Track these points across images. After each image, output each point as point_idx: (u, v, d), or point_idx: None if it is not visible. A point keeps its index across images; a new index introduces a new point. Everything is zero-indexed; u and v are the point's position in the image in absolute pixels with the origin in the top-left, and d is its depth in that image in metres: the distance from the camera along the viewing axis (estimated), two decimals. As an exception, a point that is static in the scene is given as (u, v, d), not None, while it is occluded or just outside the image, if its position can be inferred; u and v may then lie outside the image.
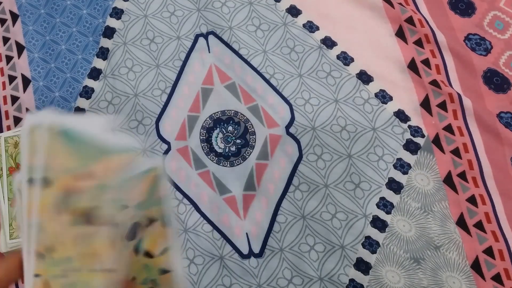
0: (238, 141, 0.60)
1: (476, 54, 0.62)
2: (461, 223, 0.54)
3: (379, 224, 0.54)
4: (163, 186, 0.23)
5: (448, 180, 0.56)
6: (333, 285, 0.52)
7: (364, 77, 0.61)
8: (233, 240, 0.55)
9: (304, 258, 0.54)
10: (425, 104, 0.60)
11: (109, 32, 0.67)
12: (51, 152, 0.20)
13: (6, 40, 0.69)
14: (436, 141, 0.58)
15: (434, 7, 0.65)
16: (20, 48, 0.68)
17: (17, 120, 0.64)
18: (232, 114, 0.61)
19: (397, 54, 0.62)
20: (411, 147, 0.58)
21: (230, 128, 0.60)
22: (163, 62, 0.64)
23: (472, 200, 0.55)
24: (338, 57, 0.63)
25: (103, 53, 0.66)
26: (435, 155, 0.57)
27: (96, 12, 0.69)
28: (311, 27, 0.65)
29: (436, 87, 0.59)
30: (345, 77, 0.62)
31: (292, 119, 0.60)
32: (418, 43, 0.62)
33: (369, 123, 0.59)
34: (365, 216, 0.55)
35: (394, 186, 0.56)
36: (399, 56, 0.62)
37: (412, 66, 0.62)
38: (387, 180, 0.56)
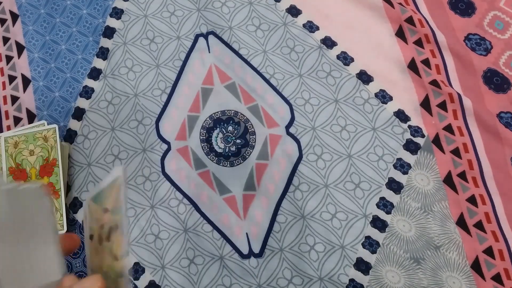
0: (238, 141, 0.60)
1: (476, 54, 0.62)
2: (461, 223, 0.54)
3: (379, 224, 0.54)
4: (122, 194, 0.26)
5: (448, 180, 0.56)
6: (333, 285, 0.52)
7: (364, 77, 0.61)
8: (233, 240, 0.55)
9: (304, 258, 0.53)
10: (425, 104, 0.60)
11: (109, 32, 0.67)
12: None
13: (6, 40, 0.69)
14: (436, 141, 0.58)
15: (434, 7, 0.65)
16: (20, 48, 0.68)
17: (17, 120, 0.64)
18: (232, 114, 0.61)
19: (397, 54, 0.62)
20: (411, 147, 0.58)
21: (230, 128, 0.60)
22: (163, 62, 0.64)
23: (472, 200, 0.55)
24: (338, 57, 0.63)
25: (103, 53, 0.66)
26: (435, 155, 0.57)
27: (96, 12, 0.69)
28: (311, 27, 0.65)
29: (436, 87, 0.59)
30: (345, 77, 0.62)
31: (292, 119, 0.60)
32: (418, 43, 0.62)
33: (369, 123, 0.59)
34: (365, 216, 0.55)
35: (394, 186, 0.56)
36: (399, 56, 0.62)
37: (412, 66, 0.62)
38: (387, 180, 0.56)
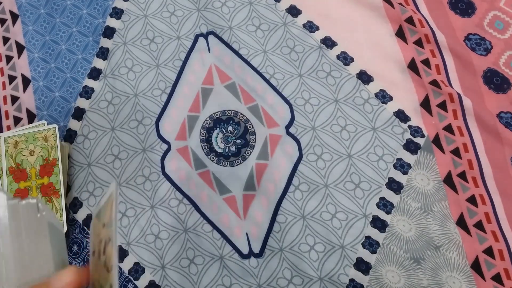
0: (238, 141, 0.60)
1: (476, 54, 0.62)
2: (461, 223, 0.54)
3: (379, 224, 0.54)
4: (114, 209, 0.28)
5: (448, 180, 0.56)
6: (333, 285, 0.52)
7: (364, 77, 0.61)
8: (233, 240, 0.55)
9: (304, 258, 0.53)
10: (425, 104, 0.60)
11: (109, 32, 0.67)
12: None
13: (6, 40, 0.69)
14: (436, 141, 0.58)
15: (434, 7, 0.65)
16: (20, 48, 0.68)
17: (17, 120, 0.64)
18: (232, 114, 0.61)
19: (397, 54, 0.62)
20: (411, 147, 0.58)
21: (230, 128, 0.60)
22: (163, 62, 0.64)
23: (472, 200, 0.55)
24: (338, 57, 0.63)
25: (103, 53, 0.66)
26: (435, 155, 0.57)
27: (96, 12, 0.69)
28: (311, 27, 0.65)
29: (436, 87, 0.59)
30: (345, 77, 0.62)
31: (292, 119, 0.60)
32: (418, 43, 0.62)
33: (369, 123, 0.59)
34: (365, 216, 0.55)
35: (394, 186, 0.56)
36: (399, 56, 0.62)
37: (412, 66, 0.62)
38: (387, 180, 0.56)
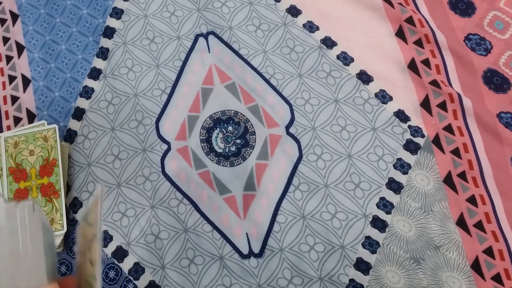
0: (238, 141, 0.60)
1: (476, 54, 0.62)
2: (461, 223, 0.54)
3: (379, 224, 0.54)
4: (99, 207, 0.30)
5: (448, 180, 0.56)
6: (333, 285, 0.52)
7: (364, 77, 0.61)
8: (233, 240, 0.55)
9: (304, 258, 0.53)
10: (425, 104, 0.60)
11: (109, 32, 0.67)
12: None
13: (6, 40, 0.69)
14: (436, 141, 0.58)
15: (434, 7, 0.65)
16: (20, 48, 0.68)
17: (17, 120, 0.64)
18: (232, 114, 0.61)
19: (397, 54, 0.62)
20: (411, 147, 0.58)
21: (230, 128, 0.60)
22: (163, 62, 0.64)
23: (472, 200, 0.55)
24: (338, 57, 0.63)
25: (103, 53, 0.66)
26: (435, 155, 0.57)
27: (96, 12, 0.69)
28: (311, 27, 0.65)
29: (436, 87, 0.59)
30: (345, 77, 0.62)
31: (292, 119, 0.60)
32: (418, 43, 0.62)
33: (369, 123, 0.59)
34: (365, 216, 0.55)
35: (394, 186, 0.56)
36: (399, 56, 0.62)
37: (412, 66, 0.62)
38: (387, 180, 0.56)
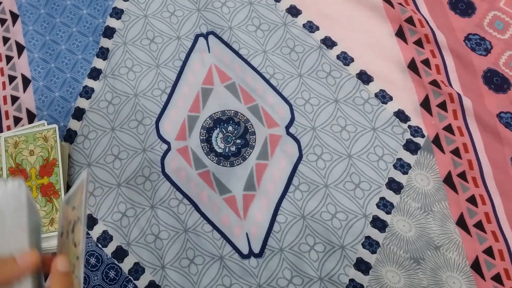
0: (238, 141, 0.60)
1: (476, 54, 0.62)
2: (461, 223, 0.54)
3: (379, 224, 0.54)
4: (84, 191, 0.32)
5: (448, 180, 0.56)
6: (333, 285, 0.52)
7: (364, 77, 0.61)
8: (233, 240, 0.55)
9: (304, 258, 0.53)
10: (425, 104, 0.60)
11: (109, 32, 0.67)
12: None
13: (6, 40, 0.69)
14: (436, 141, 0.58)
15: (434, 7, 0.65)
16: (20, 48, 0.68)
17: (17, 120, 0.64)
18: (232, 114, 0.61)
19: (397, 54, 0.62)
20: (411, 147, 0.58)
21: (230, 128, 0.60)
22: (163, 62, 0.64)
23: (472, 200, 0.55)
24: (338, 57, 0.63)
25: (103, 53, 0.66)
26: (435, 155, 0.57)
27: (96, 12, 0.69)
28: (311, 27, 0.65)
29: (436, 87, 0.59)
30: (345, 77, 0.62)
31: (292, 119, 0.60)
32: (418, 43, 0.62)
33: (369, 123, 0.59)
34: (365, 216, 0.55)
35: (394, 186, 0.56)
36: (399, 56, 0.62)
37: (412, 66, 0.62)
38: (387, 180, 0.56)
